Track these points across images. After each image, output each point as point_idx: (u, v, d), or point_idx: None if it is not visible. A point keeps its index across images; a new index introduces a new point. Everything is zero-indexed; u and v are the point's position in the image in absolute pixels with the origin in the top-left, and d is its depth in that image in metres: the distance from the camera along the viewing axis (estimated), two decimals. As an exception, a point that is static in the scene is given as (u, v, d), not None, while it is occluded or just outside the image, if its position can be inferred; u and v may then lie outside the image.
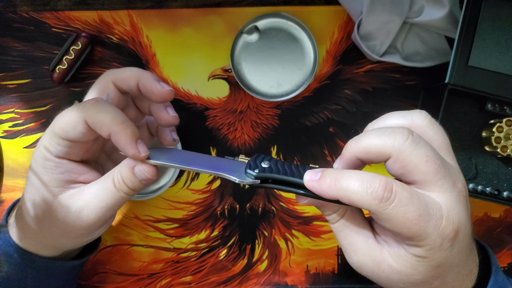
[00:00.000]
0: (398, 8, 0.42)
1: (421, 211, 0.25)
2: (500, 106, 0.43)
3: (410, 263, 0.27)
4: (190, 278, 0.48)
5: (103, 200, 0.33)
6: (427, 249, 0.26)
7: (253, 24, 0.44)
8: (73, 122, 0.32)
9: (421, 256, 0.26)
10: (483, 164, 0.45)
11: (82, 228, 0.34)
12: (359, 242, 0.29)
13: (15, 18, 0.46)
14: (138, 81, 0.35)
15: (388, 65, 0.47)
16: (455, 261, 0.27)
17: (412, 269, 0.27)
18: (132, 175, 0.32)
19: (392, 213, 0.25)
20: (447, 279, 0.28)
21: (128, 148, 0.31)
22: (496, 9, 0.40)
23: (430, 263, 0.26)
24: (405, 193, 0.25)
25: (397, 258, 0.27)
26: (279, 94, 0.45)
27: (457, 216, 0.26)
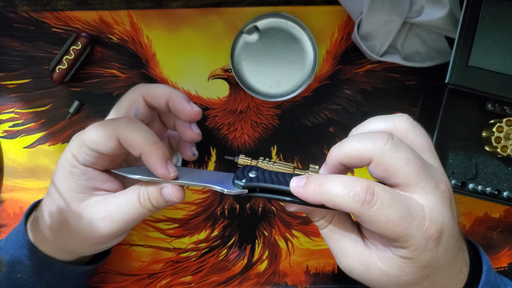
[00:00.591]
0: (398, 8, 0.42)
1: (404, 213, 0.25)
2: (500, 106, 0.43)
3: (398, 264, 0.27)
4: (190, 278, 0.48)
5: (126, 213, 0.34)
6: (412, 250, 0.26)
7: (253, 24, 0.44)
8: (105, 137, 0.33)
9: (407, 257, 0.27)
10: (483, 164, 0.45)
11: (101, 237, 0.34)
12: (348, 247, 0.30)
13: (15, 18, 0.46)
14: (169, 99, 0.36)
15: (388, 65, 0.47)
16: (442, 261, 0.27)
17: (400, 270, 0.27)
18: (159, 195, 0.33)
19: (375, 215, 0.25)
20: (436, 279, 0.28)
21: (158, 168, 0.32)
22: (496, 9, 0.40)
23: (417, 264, 0.27)
24: (387, 196, 0.26)
25: (385, 260, 0.28)
26: (279, 94, 0.45)
27: (440, 217, 0.26)
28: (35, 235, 0.36)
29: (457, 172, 0.44)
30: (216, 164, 0.48)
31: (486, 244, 0.48)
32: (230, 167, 0.48)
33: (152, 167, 0.33)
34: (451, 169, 0.44)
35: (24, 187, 0.47)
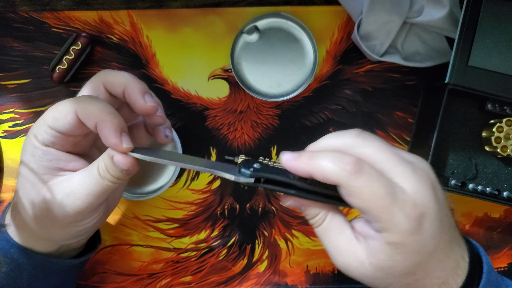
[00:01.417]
0: (398, 8, 0.42)
1: (388, 189, 0.26)
2: (500, 106, 0.43)
3: (386, 254, 0.27)
4: (190, 278, 0.48)
5: (89, 187, 0.33)
6: (396, 232, 0.26)
7: (253, 24, 0.44)
8: (64, 111, 0.32)
9: (393, 242, 0.27)
10: (483, 164, 0.45)
11: (69, 216, 0.34)
12: (342, 244, 0.30)
13: (15, 18, 0.46)
14: (125, 90, 0.35)
15: (388, 65, 0.47)
16: (432, 247, 0.28)
17: (390, 260, 0.27)
18: (112, 164, 0.32)
19: (361, 186, 0.26)
20: (429, 266, 0.28)
21: (111, 138, 0.31)
22: (496, 9, 0.40)
23: (405, 249, 0.27)
24: (373, 171, 0.27)
25: (375, 253, 0.28)
26: (279, 94, 0.45)
27: (421, 199, 0.27)
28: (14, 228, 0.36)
29: (457, 172, 0.44)
30: (216, 164, 0.48)
31: (486, 244, 0.48)
32: (230, 167, 0.48)
33: (105, 136, 0.32)
34: (451, 169, 0.44)
35: (24, 187, 0.47)
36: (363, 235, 0.29)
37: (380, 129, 0.48)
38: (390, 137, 0.48)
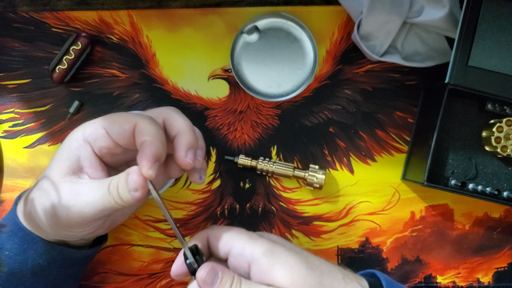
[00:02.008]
0: (398, 8, 0.42)
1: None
2: (500, 106, 0.43)
3: (271, 265, 0.31)
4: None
5: (93, 197, 0.33)
6: (257, 250, 0.32)
7: (253, 24, 0.44)
8: (124, 120, 0.34)
9: (263, 252, 0.32)
10: (483, 164, 0.45)
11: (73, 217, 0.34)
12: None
13: (15, 18, 0.46)
14: (176, 136, 0.35)
15: (388, 65, 0.47)
16: (299, 251, 0.33)
17: (282, 265, 0.31)
18: (124, 182, 0.33)
19: None
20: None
21: (144, 159, 0.32)
22: (496, 9, 0.40)
23: (279, 249, 0.32)
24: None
25: (269, 274, 0.31)
26: (279, 94, 0.45)
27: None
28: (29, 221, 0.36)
29: (457, 172, 0.44)
30: (216, 164, 0.48)
31: (486, 244, 0.48)
32: (230, 167, 0.48)
33: (142, 155, 0.33)
34: (451, 169, 0.44)
35: (24, 187, 0.47)
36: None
37: (380, 129, 0.48)
38: (390, 137, 0.48)
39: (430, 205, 0.48)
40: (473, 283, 0.48)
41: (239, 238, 0.33)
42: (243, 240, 0.33)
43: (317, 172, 0.45)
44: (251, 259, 0.32)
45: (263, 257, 0.31)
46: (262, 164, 0.46)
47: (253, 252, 0.32)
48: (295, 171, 0.46)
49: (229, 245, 0.33)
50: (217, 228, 0.35)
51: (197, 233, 0.36)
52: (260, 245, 0.32)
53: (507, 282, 0.48)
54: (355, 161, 0.48)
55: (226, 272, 0.31)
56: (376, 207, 0.48)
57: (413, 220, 0.48)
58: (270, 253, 0.31)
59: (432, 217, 0.48)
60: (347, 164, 0.48)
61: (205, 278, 0.31)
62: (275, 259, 0.31)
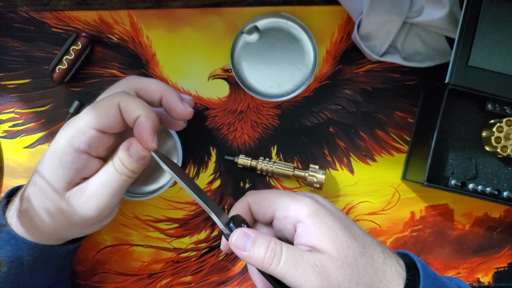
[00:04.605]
0: (398, 8, 0.42)
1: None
2: (500, 106, 0.43)
3: (315, 228, 0.31)
4: (190, 278, 0.48)
5: (109, 185, 0.34)
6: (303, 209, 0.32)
7: (253, 24, 0.44)
8: (106, 107, 0.34)
9: (308, 213, 0.31)
10: (483, 164, 0.45)
11: (91, 218, 0.35)
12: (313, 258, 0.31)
13: (15, 18, 0.46)
14: (163, 97, 0.37)
15: (388, 65, 0.47)
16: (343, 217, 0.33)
17: (325, 231, 0.30)
18: (128, 157, 0.34)
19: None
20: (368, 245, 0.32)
21: (146, 134, 0.33)
22: (496, 9, 0.40)
23: (324, 212, 0.31)
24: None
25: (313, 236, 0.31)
26: (279, 94, 0.45)
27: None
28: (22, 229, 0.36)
29: (457, 172, 0.44)
30: (216, 164, 0.48)
31: (486, 244, 0.48)
32: (230, 167, 0.48)
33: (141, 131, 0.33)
34: (451, 169, 0.44)
35: (24, 187, 0.47)
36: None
37: (380, 129, 0.48)
38: (390, 137, 0.48)
39: (430, 205, 0.48)
40: (473, 283, 0.48)
41: (282, 201, 0.32)
42: (287, 202, 0.32)
43: (317, 172, 0.45)
44: (296, 220, 0.31)
45: (309, 218, 0.31)
46: (262, 164, 0.46)
47: (298, 213, 0.31)
48: (295, 171, 0.46)
49: (272, 208, 0.32)
50: (257, 193, 0.34)
51: (237, 202, 0.36)
52: (305, 205, 0.31)
53: (507, 282, 0.48)
54: (355, 161, 0.48)
55: (261, 236, 0.31)
56: (376, 207, 0.48)
57: (413, 220, 0.48)
58: (315, 215, 0.31)
59: (432, 217, 0.48)
60: (347, 164, 0.48)
61: (236, 243, 0.31)
62: (321, 222, 0.31)
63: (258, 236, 0.31)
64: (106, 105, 0.34)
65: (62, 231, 0.36)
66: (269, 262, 0.30)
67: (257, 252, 0.30)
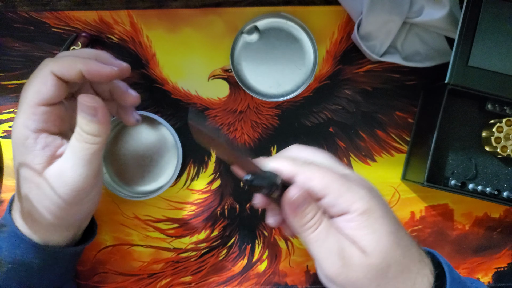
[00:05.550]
0: (398, 8, 0.42)
1: (340, 174, 0.31)
2: (500, 106, 0.43)
3: (363, 226, 0.29)
4: (190, 278, 0.48)
5: (76, 157, 0.33)
6: (360, 198, 0.30)
7: (253, 24, 0.44)
8: (41, 80, 0.33)
9: (363, 210, 0.29)
10: (483, 164, 0.45)
11: (76, 191, 0.34)
12: (345, 244, 0.30)
13: (15, 18, 0.46)
14: (111, 89, 0.36)
15: (388, 65, 0.47)
16: (393, 220, 0.31)
17: (372, 232, 0.29)
18: (81, 118, 0.33)
19: (315, 170, 0.31)
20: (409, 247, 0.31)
21: (102, 68, 0.33)
22: (496, 9, 0.40)
23: (376, 214, 0.30)
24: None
25: (354, 231, 0.30)
26: (279, 94, 0.45)
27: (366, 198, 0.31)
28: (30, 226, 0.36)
29: (457, 172, 0.44)
30: (216, 164, 0.48)
31: (486, 244, 0.48)
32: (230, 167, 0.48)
33: (98, 70, 0.33)
34: (451, 169, 0.44)
35: (24, 187, 0.47)
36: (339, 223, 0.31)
37: (380, 129, 0.48)
38: (390, 137, 0.48)
39: (430, 205, 0.48)
40: (473, 283, 0.48)
41: (335, 188, 0.30)
42: (340, 191, 0.30)
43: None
44: (344, 211, 0.30)
45: (359, 216, 0.30)
46: (262, 164, 0.46)
47: (349, 206, 0.30)
48: (295, 171, 0.46)
49: (323, 192, 0.30)
50: (309, 167, 0.31)
51: (280, 157, 0.33)
52: (360, 200, 0.30)
53: (507, 282, 0.48)
54: (355, 161, 0.48)
55: (314, 205, 0.30)
56: (376, 207, 0.48)
57: (413, 220, 0.48)
58: (366, 216, 0.30)
59: (432, 217, 0.48)
60: (347, 164, 0.48)
61: (296, 199, 0.30)
62: (369, 224, 0.30)
63: (311, 204, 0.30)
64: (41, 78, 0.33)
65: (61, 215, 0.35)
66: (306, 228, 0.30)
67: (303, 217, 0.30)
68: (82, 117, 0.33)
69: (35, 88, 0.33)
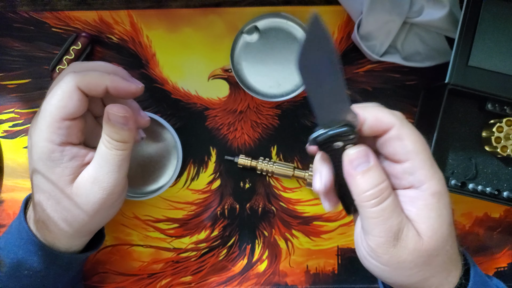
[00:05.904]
0: (398, 8, 0.42)
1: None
2: (500, 106, 0.43)
3: (434, 209, 0.28)
4: (190, 278, 0.48)
5: (106, 164, 0.34)
6: (438, 180, 0.28)
7: (253, 24, 0.44)
8: (67, 94, 0.33)
9: (437, 191, 0.28)
10: (483, 164, 0.45)
11: (104, 201, 0.35)
12: (405, 224, 0.28)
13: (15, 18, 0.46)
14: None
15: (388, 65, 0.47)
16: (451, 211, 0.30)
17: (439, 216, 0.28)
18: (112, 126, 0.33)
19: (411, 130, 0.29)
20: (451, 241, 0.30)
21: (130, 85, 0.34)
22: (496, 9, 0.40)
23: (445, 201, 0.28)
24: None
25: (420, 212, 0.28)
26: (279, 94, 0.45)
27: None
28: (44, 233, 0.36)
29: (457, 172, 0.44)
30: (216, 164, 0.48)
31: (486, 244, 0.48)
32: (230, 167, 0.48)
33: (124, 88, 0.34)
34: (451, 169, 0.44)
35: (24, 187, 0.47)
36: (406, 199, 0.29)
37: (380, 129, 0.48)
38: (390, 137, 0.48)
39: (430, 205, 0.48)
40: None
41: (422, 158, 0.28)
42: (426, 163, 0.28)
43: (317, 172, 0.45)
44: (417, 185, 0.28)
45: (431, 197, 0.28)
46: (262, 164, 0.46)
47: (424, 182, 0.28)
48: (295, 171, 0.46)
49: (409, 156, 0.28)
50: (409, 125, 0.29)
51: (383, 110, 0.30)
52: (437, 183, 0.28)
53: (507, 282, 0.48)
54: (355, 161, 0.48)
55: (379, 170, 0.28)
56: (376, 207, 0.48)
57: (413, 220, 0.48)
58: (437, 199, 0.28)
59: (432, 217, 0.48)
60: (347, 164, 0.48)
61: (354, 158, 0.28)
62: (437, 207, 0.28)
63: (376, 167, 0.28)
64: (67, 93, 0.33)
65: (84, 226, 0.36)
66: (367, 198, 0.28)
67: (365, 180, 0.28)
68: (111, 126, 0.33)
69: (61, 103, 0.33)
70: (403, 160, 0.28)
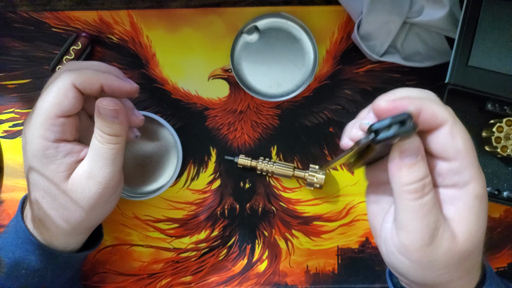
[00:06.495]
0: (398, 8, 0.42)
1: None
2: (500, 106, 0.43)
3: (474, 211, 0.27)
4: (190, 278, 0.48)
5: (100, 159, 0.34)
6: (481, 182, 0.27)
7: (253, 24, 0.44)
8: (62, 91, 0.33)
9: (479, 194, 0.27)
10: (483, 164, 0.44)
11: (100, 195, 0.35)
12: (442, 224, 0.28)
13: (15, 18, 0.46)
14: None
15: (388, 65, 0.47)
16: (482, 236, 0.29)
17: (478, 219, 0.28)
18: (102, 120, 0.33)
19: (462, 128, 0.27)
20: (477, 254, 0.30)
21: (124, 84, 0.34)
22: (496, 9, 0.40)
23: (485, 205, 0.28)
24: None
25: (460, 213, 0.28)
26: (279, 94, 0.45)
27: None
28: (41, 232, 0.37)
29: (457, 172, 0.44)
30: (216, 164, 0.48)
31: (486, 244, 0.48)
32: (230, 167, 0.48)
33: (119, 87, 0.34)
34: (451, 169, 0.44)
35: (24, 187, 0.47)
36: (447, 199, 0.28)
37: (380, 129, 0.48)
38: (390, 137, 0.48)
39: (430, 205, 0.48)
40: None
41: (470, 158, 0.27)
42: (473, 163, 0.27)
43: (317, 172, 0.45)
44: (460, 185, 0.27)
45: (471, 198, 0.27)
46: (262, 164, 0.46)
47: (468, 183, 0.27)
48: (295, 171, 0.46)
49: (457, 155, 0.27)
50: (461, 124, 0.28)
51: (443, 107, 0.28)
52: (478, 183, 0.27)
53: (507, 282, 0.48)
54: (355, 161, 0.48)
55: (425, 164, 0.27)
56: (376, 207, 0.48)
57: (413, 220, 0.48)
58: (478, 202, 0.27)
59: (432, 217, 0.48)
60: (347, 164, 0.48)
61: (407, 149, 0.27)
62: (477, 211, 0.28)
63: (423, 161, 0.27)
64: (62, 90, 0.33)
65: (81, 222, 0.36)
66: (410, 191, 0.27)
67: (410, 173, 0.27)
68: (103, 120, 0.34)
69: (56, 100, 0.33)
70: (452, 159, 0.27)
